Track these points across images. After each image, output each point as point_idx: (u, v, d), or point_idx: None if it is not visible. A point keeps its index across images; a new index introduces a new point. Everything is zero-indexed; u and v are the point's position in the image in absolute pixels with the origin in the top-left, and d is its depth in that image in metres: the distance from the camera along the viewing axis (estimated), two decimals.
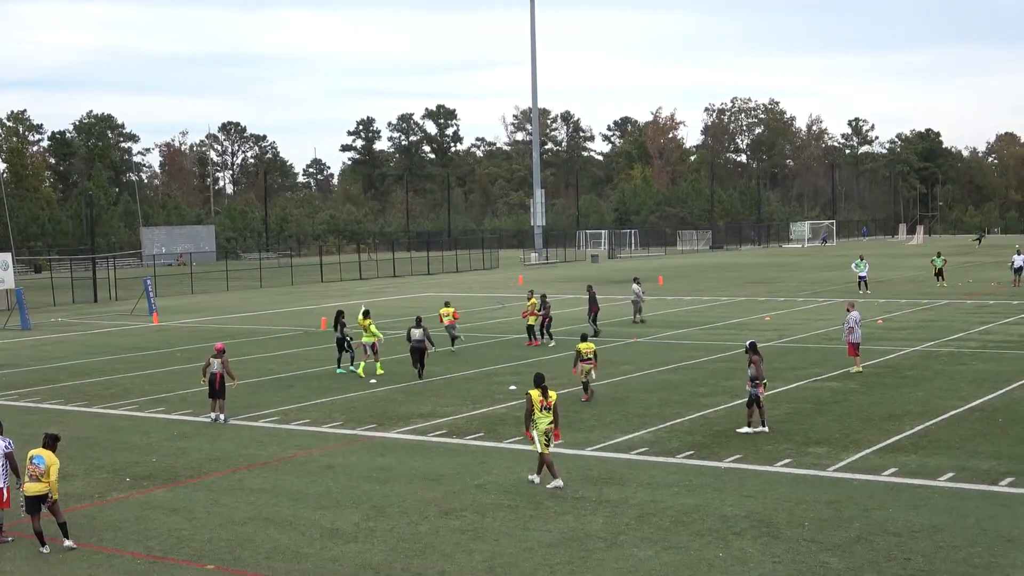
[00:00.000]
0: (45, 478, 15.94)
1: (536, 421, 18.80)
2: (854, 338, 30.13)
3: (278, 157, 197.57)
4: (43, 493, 15.91)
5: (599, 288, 47.75)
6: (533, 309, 38.59)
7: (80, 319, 55.14)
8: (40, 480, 15.91)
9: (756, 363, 22.56)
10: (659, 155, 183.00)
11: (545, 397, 18.91)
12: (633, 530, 16.22)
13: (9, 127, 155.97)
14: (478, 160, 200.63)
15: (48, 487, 15.94)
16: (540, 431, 18.78)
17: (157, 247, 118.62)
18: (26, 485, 15.96)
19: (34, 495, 15.90)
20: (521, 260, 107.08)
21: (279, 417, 25.92)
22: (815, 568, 14.39)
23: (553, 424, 18.90)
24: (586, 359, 26.95)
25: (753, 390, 22.48)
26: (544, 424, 18.82)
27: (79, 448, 22.87)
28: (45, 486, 15.92)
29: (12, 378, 34.07)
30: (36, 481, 15.91)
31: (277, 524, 17.06)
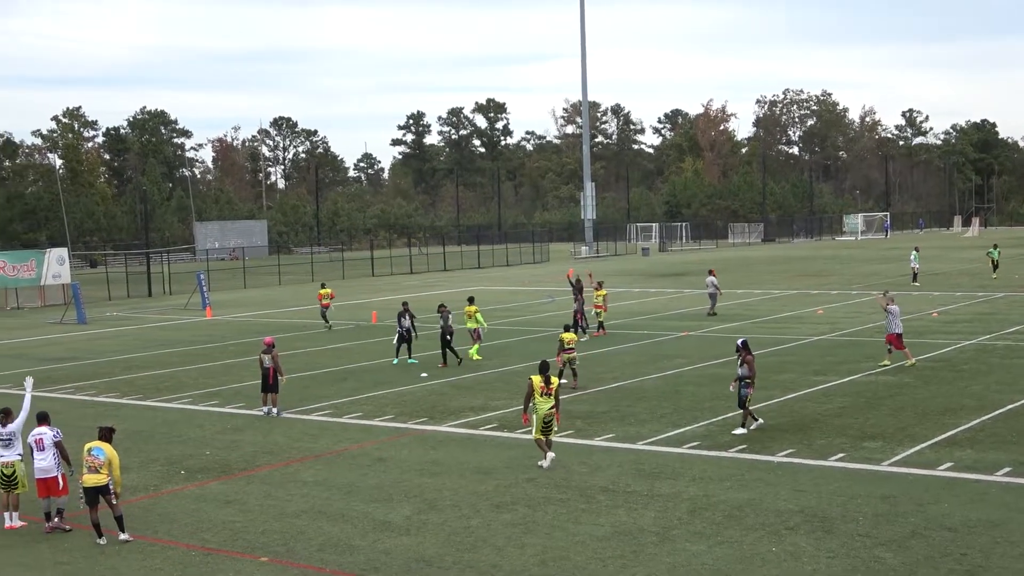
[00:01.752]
0: (104, 469, 16.11)
1: (536, 405, 19.58)
2: (896, 329, 29.93)
3: (329, 152, 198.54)
4: (102, 484, 16.09)
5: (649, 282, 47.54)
6: (602, 301, 39.00)
7: (135, 313, 55.73)
8: (99, 471, 16.09)
9: (749, 363, 22.19)
10: (710, 148, 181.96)
11: (547, 384, 19.64)
12: (685, 524, 16.15)
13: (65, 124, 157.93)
14: (528, 154, 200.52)
15: (107, 478, 16.11)
16: (539, 415, 19.55)
17: (210, 242, 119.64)
18: (85, 476, 16.14)
19: (93, 486, 16.07)
20: (571, 254, 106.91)
21: (331, 410, 26.06)
22: (870, 563, 14.26)
23: (554, 409, 19.62)
24: (568, 348, 27.77)
25: (744, 390, 22.12)
26: (544, 409, 19.53)
27: (134, 441, 23.11)
28: (104, 477, 16.09)
29: (69, 372, 34.49)
30: (95, 472, 16.09)
31: (330, 517, 17.15)
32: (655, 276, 71.46)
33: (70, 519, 17.12)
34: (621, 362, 32.37)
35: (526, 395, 19.86)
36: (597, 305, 39.19)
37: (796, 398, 25.75)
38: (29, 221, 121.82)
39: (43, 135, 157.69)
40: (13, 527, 17.10)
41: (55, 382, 32.13)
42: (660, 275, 72.33)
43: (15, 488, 17.27)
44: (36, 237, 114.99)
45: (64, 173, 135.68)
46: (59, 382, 32.18)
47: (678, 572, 14.23)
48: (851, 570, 14.07)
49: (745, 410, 22.12)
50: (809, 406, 24.71)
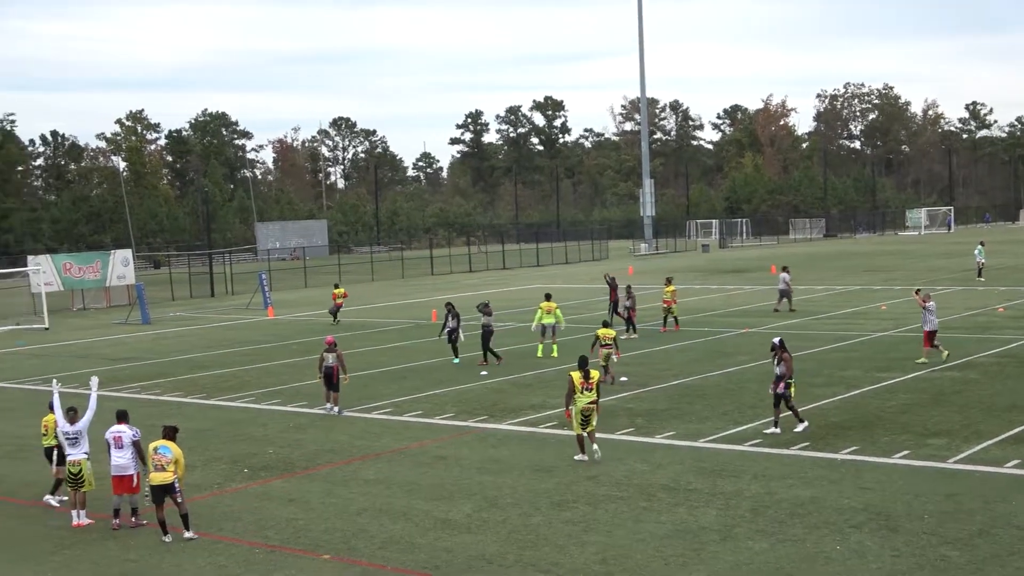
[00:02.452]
0: (170, 467, 16.31)
1: (576, 400, 19.82)
2: (930, 326, 29.59)
3: (388, 151, 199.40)
4: (169, 482, 16.28)
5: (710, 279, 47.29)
6: (671, 297, 39.17)
7: (198, 313, 56.33)
8: (165, 469, 16.29)
9: (787, 360, 21.91)
10: (770, 143, 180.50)
11: (586, 379, 19.90)
12: (747, 522, 16.04)
13: (128, 127, 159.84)
14: (586, 151, 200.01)
15: (173, 476, 16.31)
16: (578, 408, 19.81)
17: (271, 242, 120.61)
18: (152, 475, 16.34)
19: (160, 484, 16.28)
20: (631, 251, 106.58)
21: (392, 409, 26.18)
22: (935, 562, 14.09)
23: (594, 403, 19.91)
24: (605, 344, 27.98)
25: (784, 391, 21.84)
26: (583, 402, 19.79)
27: (198, 440, 23.36)
28: (171, 475, 16.29)
29: (133, 371, 34.94)
30: (161, 471, 16.29)
31: (391, 515, 17.23)
32: (716, 272, 71.06)
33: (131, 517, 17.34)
34: (682, 359, 32.22)
35: (567, 391, 20.08)
36: (667, 300, 39.20)
37: (860, 395, 25.50)
38: (94, 223, 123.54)
39: (107, 138, 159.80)
40: (80, 525, 17.35)
41: (120, 382, 32.56)
42: (721, 271, 71.90)
43: (82, 486, 17.53)
44: (101, 239, 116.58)
45: (128, 175, 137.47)
46: (124, 382, 32.60)
47: (740, 571, 14.14)
48: (916, 568, 13.90)
49: (788, 407, 21.86)
50: (873, 403, 24.46)
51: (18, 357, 40.57)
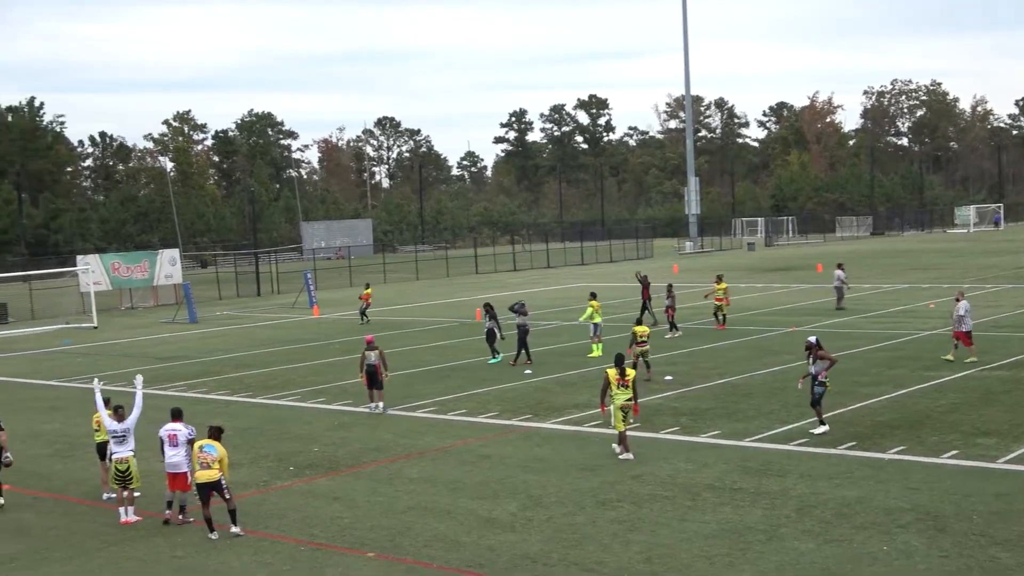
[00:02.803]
0: (216, 465, 16.43)
1: (613, 397, 20.02)
2: (965, 327, 29.25)
3: (432, 151, 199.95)
4: (215, 480, 16.40)
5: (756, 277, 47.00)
6: (723, 295, 39.19)
7: (244, 312, 56.71)
8: (211, 467, 16.40)
9: (823, 357, 21.60)
10: (816, 140, 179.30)
11: (622, 376, 20.08)
12: (793, 522, 15.93)
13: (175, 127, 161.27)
14: (631, 149, 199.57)
15: (219, 474, 16.42)
16: (616, 406, 19.99)
17: (317, 241, 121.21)
18: (198, 473, 16.46)
19: (206, 482, 16.39)
20: (676, 249, 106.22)
21: (436, 407, 26.22)
22: (984, 563, 13.92)
23: (632, 400, 20.07)
24: (641, 341, 28.23)
25: (818, 388, 21.56)
26: (621, 400, 19.97)
27: (244, 438, 23.51)
28: (216, 473, 16.41)
29: (180, 370, 35.21)
30: (207, 468, 16.40)
31: (435, 513, 17.26)
32: (762, 271, 70.66)
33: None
34: (727, 358, 32.06)
35: (602, 387, 20.41)
36: (718, 298, 39.11)
37: (908, 394, 25.25)
38: (142, 223, 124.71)
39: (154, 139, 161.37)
40: (128, 522, 17.51)
41: (167, 380, 32.83)
42: (767, 270, 71.49)
43: (130, 483, 17.69)
44: (149, 239, 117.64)
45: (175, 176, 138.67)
46: (171, 380, 32.86)
47: (786, 571, 14.04)
48: (965, 570, 13.75)
49: (817, 409, 21.64)
50: (921, 402, 24.22)
51: (67, 356, 41.01)
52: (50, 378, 34.80)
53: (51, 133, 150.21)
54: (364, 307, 47.89)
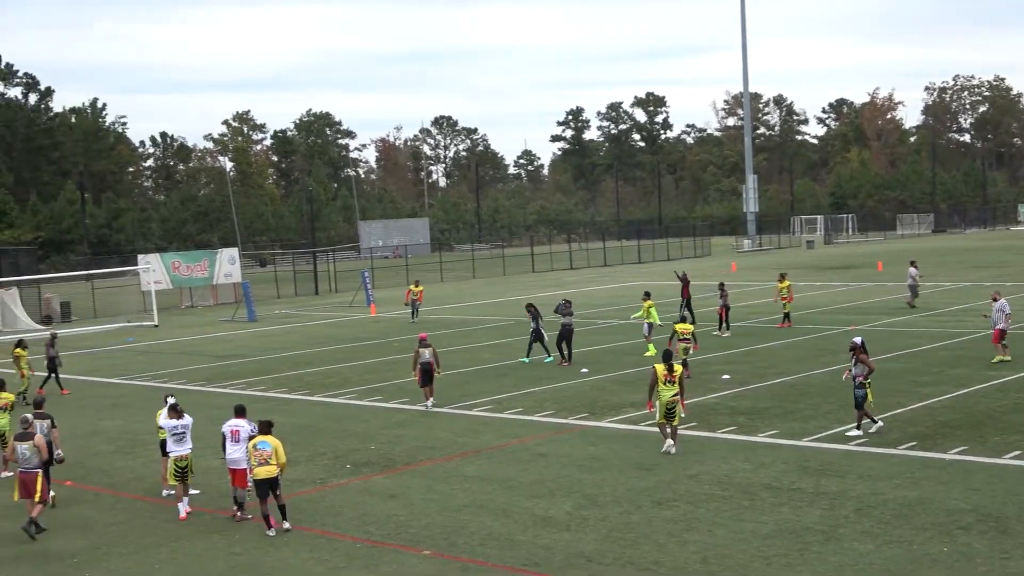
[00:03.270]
0: (272, 460, 16.54)
1: (659, 393, 20.29)
2: (1002, 325, 28.79)
3: (489, 149, 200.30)
4: (273, 476, 16.51)
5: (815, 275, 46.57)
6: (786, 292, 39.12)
7: (302, 311, 57.08)
8: (268, 463, 16.52)
9: (864, 361, 21.23)
10: (877, 137, 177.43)
11: (670, 372, 20.43)
12: (852, 523, 15.76)
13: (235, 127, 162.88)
14: (688, 147, 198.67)
15: (276, 469, 16.54)
16: (662, 402, 20.26)
17: (374, 240, 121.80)
18: (256, 470, 16.58)
19: (265, 479, 16.51)
20: (733, 247, 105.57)
21: (492, 406, 26.23)
22: None
23: (678, 396, 20.38)
24: (684, 338, 28.37)
25: (859, 391, 21.24)
26: (667, 395, 20.24)
27: (302, 435, 23.66)
28: (275, 468, 16.53)
29: (240, 368, 35.51)
30: (265, 465, 16.52)
31: (491, 511, 17.26)
32: (821, 269, 70.05)
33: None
34: (784, 357, 31.80)
35: (650, 383, 20.65)
36: (782, 297, 38.87)
37: (969, 393, 24.90)
38: (202, 222, 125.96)
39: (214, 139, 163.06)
40: (187, 511, 17.72)
41: (227, 378, 33.12)
42: (826, 268, 70.86)
43: (187, 479, 17.93)
44: (209, 238, 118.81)
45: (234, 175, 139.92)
46: (231, 378, 33.15)
47: (845, 572, 13.89)
48: None
49: (861, 411, 21.35)
50: (983, 402, 23.87)
51: (129, 354, 41.51)
52: (112, 376, 35.22)
53: (113, 134, 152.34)
54: (415, 305, 47.73)
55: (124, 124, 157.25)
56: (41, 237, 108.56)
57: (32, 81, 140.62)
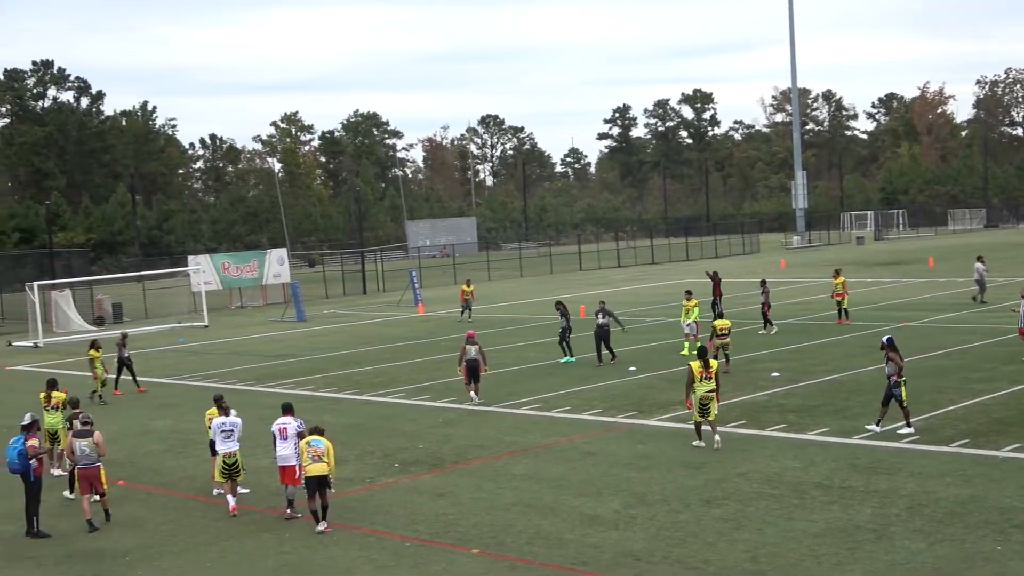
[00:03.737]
0: (326, 458, 16.65)
1: (696, 388, 20.50)
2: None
3: (536, 148, 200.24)
4: (324, 474, 16.62)
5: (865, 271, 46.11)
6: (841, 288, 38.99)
7: (350, 310, 57.33)
8: (322, 460, 16.63)
9: (895, 360, 20.86)
10: (927, 131, 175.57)
11: (706, 368, 20.61)
12: (904, 521, 15.60)
13: (283, 128, 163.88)
14: (736, 143, 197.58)
15: (327, 467, 16.65)
16: (697, 396, 20.48)
17: (421, 239, 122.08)
18: (309, 467, 16.67)
19: (316, 475, 16.61)
20: (783, 244, 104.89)
21: (540, 404, 26.21)
22: None
23: (714, 391, 20.60)
24: (721, 334, 28.95)
25: (895, 389, 20.92)
26: (703, 391, 20.46)
27: (351, 434, 23.76)
28: (326, 466, 16.63)
29: (289, 367, 35.72)
30: (318, 462, 16.62)
31: (539, 510, 17.25)
32: (871, 265, 69.45)
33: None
34: (834, 354, 31.53)
35: (687, 381, 20.79)
36: (837, 293, 38.67)
37: (1022, 391, 24.57)
38: (251, 223, 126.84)
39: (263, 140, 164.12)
40: (233, 508, 17.88)
41: (276, 378, 33.33)
42: (877, 264, 70.24)
43: (237, 475, 18.08)
44: (258, 239, 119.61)
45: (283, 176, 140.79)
46: (280, 378, 33.35)
47: (897, 571, 13.75)
48: None
49: (904, 410, 21.07)
50: None
51: (179, 354, 41.88)
52: (162, 376, 35.54)
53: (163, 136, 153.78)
54: (468, 303, 47.71)
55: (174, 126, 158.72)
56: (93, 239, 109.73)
57: (84, 85, 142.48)
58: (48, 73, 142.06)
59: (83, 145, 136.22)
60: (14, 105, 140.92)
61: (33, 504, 17.57)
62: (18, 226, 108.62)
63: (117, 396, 31.49)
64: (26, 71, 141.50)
